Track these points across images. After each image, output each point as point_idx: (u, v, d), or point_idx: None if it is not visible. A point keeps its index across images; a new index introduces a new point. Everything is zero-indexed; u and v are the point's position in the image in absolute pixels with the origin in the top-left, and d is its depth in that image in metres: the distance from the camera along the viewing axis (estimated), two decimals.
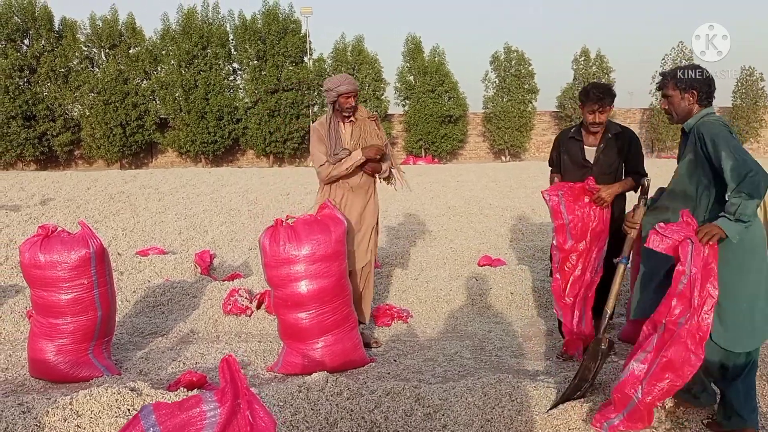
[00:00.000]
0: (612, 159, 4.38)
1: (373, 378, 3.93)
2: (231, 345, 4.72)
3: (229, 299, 5.40)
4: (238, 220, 10.32)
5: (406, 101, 31.61)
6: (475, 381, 3.41)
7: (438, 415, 3.06)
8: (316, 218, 4.07)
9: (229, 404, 1.40)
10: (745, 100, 31.22)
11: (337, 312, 4.07)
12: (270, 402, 3.11)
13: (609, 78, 31.61)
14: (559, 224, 4.22)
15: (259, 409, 1.46)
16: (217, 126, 29.71)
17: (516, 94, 31.28)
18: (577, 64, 31.99)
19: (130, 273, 6.59)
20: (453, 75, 31.47)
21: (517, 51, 31.80)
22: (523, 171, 20.15)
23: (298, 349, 4.06)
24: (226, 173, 19.52)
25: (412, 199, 12.96)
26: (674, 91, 3.29)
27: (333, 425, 3.02)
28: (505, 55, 31.83)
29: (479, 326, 5.20)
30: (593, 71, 31.58)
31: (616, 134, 4.42)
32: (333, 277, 4.01)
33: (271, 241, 3.94)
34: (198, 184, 15.46)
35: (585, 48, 31.93)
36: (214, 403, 1.42)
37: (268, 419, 1.44)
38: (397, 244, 8.39)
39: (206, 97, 29.50)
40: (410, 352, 4.60)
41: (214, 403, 1.42)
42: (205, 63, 29.83)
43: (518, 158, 31.33)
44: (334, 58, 31.25)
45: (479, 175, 18.60)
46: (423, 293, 5.81)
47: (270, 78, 29.81)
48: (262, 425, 1.42)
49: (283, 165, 30.73)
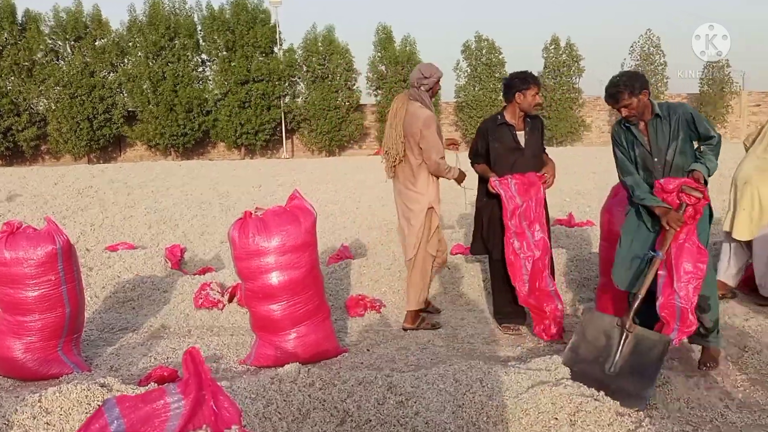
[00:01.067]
0: (538, 140, 4.73)
1: (346, 368, 3.94)
2: (203, 339, 4.69)
3: (200, 293, 5.36)
4: (210, 214, 10.23)
5: (378, 91, 31.58)
6: (446, 368, 3.44)
7: (410, 403, 3.08)
8: (285, 209, 4.06)
9: (193, 395, 1.40)
10: (712, 87, 31.78)
11: (309, 303, 4.07)
12: (242, 394, 3.10)
13: (579, 66, 31.94)
14: (514, 206, 4.44)
15: (223, 399, 1.46)
16: (186, 118, 29.38)
17: (487, 82, 31.44)
18: (548, 52, 32.27)
19: (99, 269, 6.49)
20: None
21: (488, 40, 31.97)
22: None
23: (270, 341, 4.06)
24: (196, 166, 19.33)
25: (385, 189, 12.97)
26: (632, 98, 3.70)
27: (305, 416, 3.03)
28: (476, 44, 31.97)
29: (452, 314, 5.24)
30: (563, 59, 31.87)
31: (532, 118, 4.74)
32: (304, 267, 4.01)
33: (240, 233, 3.92)
34: (168, 178, 15.28)
35: (555, 36, 32.23)
36: (178, 395, 1.41)
37: (232, 409, 1.44)
38: (370, 234, 8.40)
39: (175, 89, 29.14)
40: (383, 341, 4.62)
41: (178, 395, 1.41)
42: (173, 54, 29.46)
43: None
44: (305, 48, 31.06)
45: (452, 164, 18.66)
46: (396, 283, 5.83)
47: (240, 69, 29.55)
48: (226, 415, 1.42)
49: (254, 157, 30.51)
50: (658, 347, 3.49)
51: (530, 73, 4.68)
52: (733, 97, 31.95)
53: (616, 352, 3.55)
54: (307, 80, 31.02)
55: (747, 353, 4.03)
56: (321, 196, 12.18)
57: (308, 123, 30.97)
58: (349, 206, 11.06)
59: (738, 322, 4.66)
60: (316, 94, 30.52)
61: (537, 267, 4.46)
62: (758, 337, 4.32)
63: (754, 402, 3.40)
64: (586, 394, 3.18)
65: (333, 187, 13.71)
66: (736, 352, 4.07)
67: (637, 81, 3.71)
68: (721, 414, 3.27)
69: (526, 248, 4.46)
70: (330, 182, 14.52)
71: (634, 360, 3.50)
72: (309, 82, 30.95)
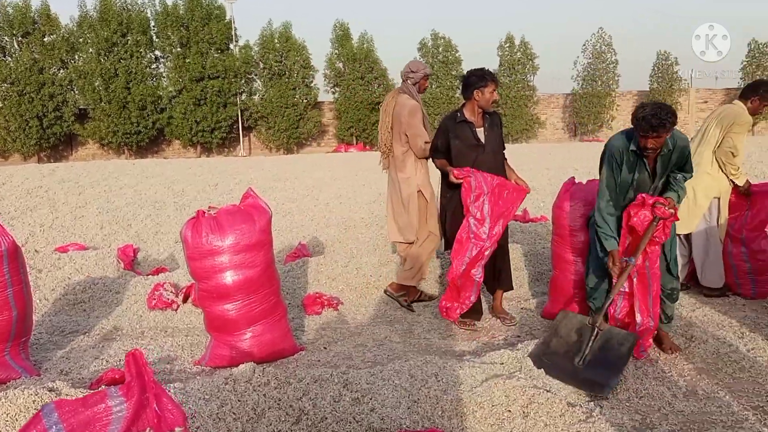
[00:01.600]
0: (494, 137, 4.78)
1: (302, 366, 3.93)
2: (156, 340, 4.61)
3: (153, 294, 5.27)
4: (164, 213, 10.05)
5: (335, 88, 31.49)
6: (402, 364, 3.46)
7: (366, 399, 3.09)
8: (240, 208, 4.02)
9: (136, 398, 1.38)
10: (661, 84, 32.58)
11: (264, 302, 4.04)
12: (195, 396, 3.06)
13: (533, 64, 32.37)
14: (478, 193, 4.51)
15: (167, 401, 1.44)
16: (140, 116, 28.81)
17: (444, 80, 31.65)
18: (503, 50, 32.62)
19: (48, 270, 6.33)
20: (382, 62, 31.56)
21: (444, 38, 32.15)
22: None
23: (225, 341, 4.01)
24: (150, 165, 18.97)
25: (343, 187, 12.96)
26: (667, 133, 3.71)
27: (260, 415, 3.00)
28: (433, 42, 32.13)
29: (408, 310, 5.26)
30: (518, 57, 32.26)
31: (491, 115, 4.80)
32: (259, 266, 3.97)
33: (193, 232, 3.86)
34: (121, 177, 14.95)
35: (510, 35, 32.60)
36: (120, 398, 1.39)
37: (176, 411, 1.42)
38: (327, 232, 8.38)
39: (128, 86, 28.55)
40: (340, 338, 4.61)
41: (120, 398, 1.39)
42: (126, 51, 28.84)
43: None
44: (261, 45, 30.76)
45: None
46: (353, 280, 5.83)
47: (195, 66, 29.11)
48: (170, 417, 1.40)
49: (211, 155, 30.11)
50: (626, 343, 3.71)
51: (488, 71, 4.72)
52: (682, 94, 32.82)
53: (586, 347, 3.73)
54: (264, 77, 30.73)
55: (693, 343, 4.16)
56: (279, 194, 12.09)
57: (265, 120, 30.70)
58: (307, 204, 11.00)
59: (685, 313, 4.80)
60: (273, 92, 30.27)
61: (480, 255, 4.55)
62: (704, 328, 4.46)
63: (700, 390, 3.51)
64: (539, 386, 3.24)
65: (291, 185, 13.62)
66: (683, 342, 4.20)
67: (675, 116, 3.70)
68: (669, 403, 3.36)
69: (481, 235, 4.52)
70: (288, 180, 14.42)
71: (603, 354, 3.69)
72: (266, 79, 30.67)
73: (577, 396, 3.37)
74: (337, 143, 31.49)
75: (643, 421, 3.17)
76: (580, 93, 32.74)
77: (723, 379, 3.66)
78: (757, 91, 5.12)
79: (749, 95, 5.14)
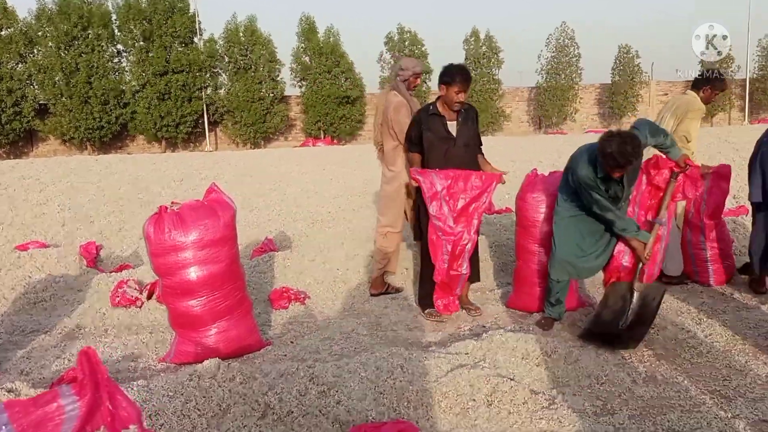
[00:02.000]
0: (468, 131, 4.78)
1: (269, 361, 3.92)
2: (120, 338, 4.56)
3: (117, 291, 5.20)
4: (128, 209, 9.91)
5: (302, 82, 31.29)
6: (368, 356, 3.48)
7: (332, 392, 3.10)
8: (203, 203, 3.98)
9: (89, 397, 1.36)
10: (622, 77, 33.10)
11: (229, 297, 4.02)
12: (159, 392, 3.04)
13: (498, 58, 32.60)
14: (433, 193, 4.57)
15: (121, 399, 1.43)
16: (102, 111, 28.24)
17: None
18: (468, 44, 32.77)
19: (8, 269, 6.19)
20: (348, 56, 31.46)
21: (410, 31, 32.17)
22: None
23: (190, 337, 3.98)
24: (114, 160, 18.60)
25: (310, 181, 12.91)
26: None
27: (226, 411, 2.99)
28: (399, 36, 32.13)
29: (376, 303, 5.28)
30: (483, 51, 32.45)
31: (466, 109, 4.81)
32: (223, 262, 3.95)
33: (156, 228, 3.82)
34: (83, 173, 14.64)
35: (475, 29, 32.77)
36: (72, 397, 1.37)
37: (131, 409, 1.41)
38: (294, 227, 8.36)
39: (89, 80, 27.95)
40: (307, 332, 4.61)
41: (73, 397, 1.37)
42: (87, 45, 28.21)
43: None
44: (226, 38, 30.39)
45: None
46: (320, 274, 5.83)
47: (158, 60, 28.62)
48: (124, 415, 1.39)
49: (176, 150, 29.68)
50: (657, 297, 4.17)
51: (459, 70, 4.66)
52: (643, 87, 33.40)
53: (627, 309, 4.18)
54: (230, 71, 30.37)
55: (653, 330, 4.26)
56: (245, 189, 11.99)
57: (232, 115, 30.37)
58: (274, 199, 10.94)
59: None
60: (239, 86, 29.94)
61: (458, 249, 4.62)
62: (664, 315, 4.56)
63: (660, 376, 3.60)
64: (503, 375, 3.29)
65: (258, 179, 13.51)
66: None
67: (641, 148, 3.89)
68: (629, 389, 3.44)
69: (447, 230, 4.59)
70: (255, 175, 14.30)
71: (639, 310, 4.17)
72: (231, 73, 30.32)
73: (540, 383, 3.43)
74: (304, 137, 31.31)
75: (604, 406, 3.24)
76: (544, 86, 33.10)
77: (681, 364, 3.76)
78: (708, 81, 5.34)
79: (701, 85, 5.35)
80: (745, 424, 2.95)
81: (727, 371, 3.61)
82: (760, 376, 3.53)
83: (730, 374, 3.57)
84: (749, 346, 3.95)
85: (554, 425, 3.01)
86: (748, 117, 33.14)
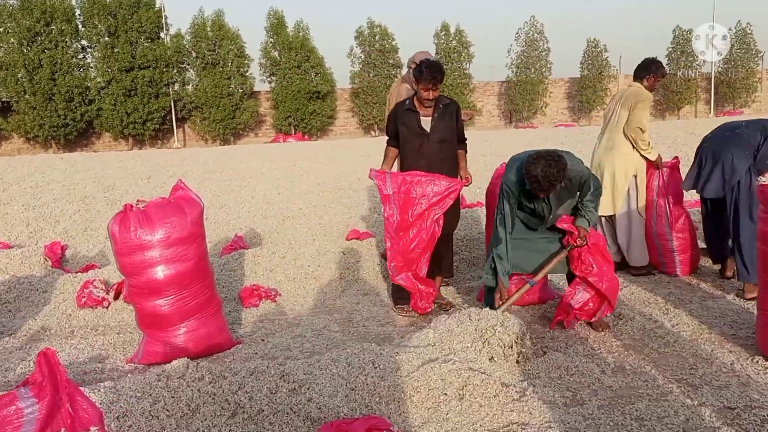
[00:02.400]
0: (444, 127, 4.69)
1: (239, 359, 3.89)
2: (87, 339, 4.47)
3: (83, 292, 5.10)
4: (94, 208, 9.72)
5: (272, 78, 31.05)
6: (339, 352, 3.46)
7: (303, 390, 3.07)
8: (169, 200, 3.92)
9: (48, 399, 1.32)
10: (591, 71, 33.48)
11: (198, 296, 3.97)
12: (127, 394, 2.98)
13: (468, 52, 32.71)
14: (385, 195, 4.51)
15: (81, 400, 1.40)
16: (67, 108, 27.68)
17: (381, 68, 31.64)
18: (438, 38, 32.82)
19: None
20: (318, 50, 31.28)
21: (380, 26, 32.11)
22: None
23: (158, 337, 3.92)
24: (80, 159, 18.27)
25: (281, 177, 12.81)
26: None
27: (195, 411, 2.95)
28: (369, 30, 32.04)
29: (348, 299, 5.27)
30: (453, 45, 32.54)
31: (445, 105, 4.72)
32: (191, 260, 3.89)
33: (121, 227, 3.75)
34: (48, 172, 14.34)
35: (445, 23, 32.82)
36: (31, 400, 1.33)
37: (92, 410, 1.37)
38: (265, 223, 8.29)
39: (53, 77, 27.36)
40: (278, 330, 4.58)
41: (32, 399, 1.33)
42: (50, 41, 27.61)
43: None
44: (194, 33, 30.01)
45: (349, 151, 18.69)
46: (291, 271, 5.79)
47: (124, 55, 28.15)
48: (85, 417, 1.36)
49: (144, 147, 29.24)
50: None
51: (427, 67, 4.56)
52: (611, 81, 33.82)
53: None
54: (197, 67, 29.98)
55: (621, 321, 4.32)
56: (215, 186, 11.85)
57: (200, 111, 30.00)
58: (243, 195, 10.84)
59: None
60: (207, 81, 29.59)
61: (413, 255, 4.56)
62: (631, 305, 4.63)
63: (628, 366, 3.64)
64: (474, 369, 3.30)
65: (227, 176, 13.36)
66: (611, 320, 4.34)
67: (565, 172, 3.83)
68: (598, 379, 3.48)
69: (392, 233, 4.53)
70: (224, 171, 14.14)
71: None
72: (199, 68, 29.93)
73: (511, 376, 3.45)
74: (275, 133, 31.07)
75: (574, 397, 3.27)
76: (514, 80, 33.32)
77: (649, 354, 3.81)
78: (648, 69, 5.49)
79: (643, 75, 5.52)
80: (710, 412, 3.01)
81: (693, 360, 3.67)
82: (725, 364, 3.59)
83: (697, 363, 3.63)
84: (715, 335, 4.03)
85: (525, 417, 3.03)
86: (713, 110, 33.77)
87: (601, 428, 2.92)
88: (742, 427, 2.87)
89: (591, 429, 2.92)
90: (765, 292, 3.59)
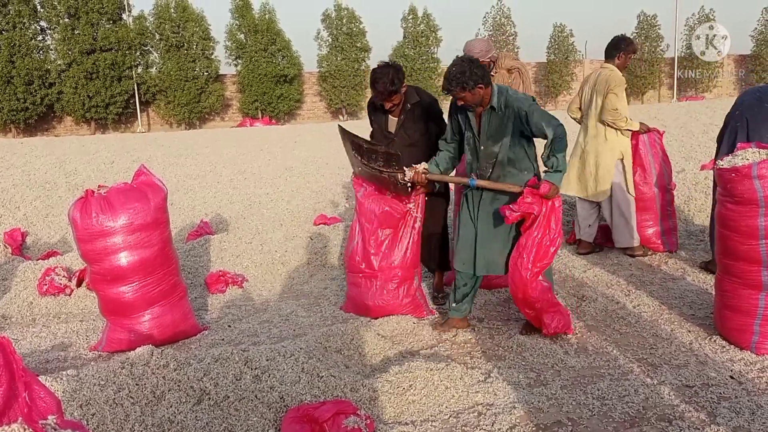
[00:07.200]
0: (412, 130, 4.35)
1: (205, 346, 3.86)
2: (49, 327, 4.39)
3: (44, 279, 5.01)
4: (55, 194, 9.52)
5: (238, 61, 30.65)
6: (305, 338, 3.46)
7: (265, 377, 3.06)
8: (132, 186, 3.86)
9: (4, 388, 1.30)
10: (557, 55, 33.78)
11: (162, 282, 3.92)
12: (90, 382, 2.94)
13: (436, 36, 32.67)
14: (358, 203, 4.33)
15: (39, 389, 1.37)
16: (26, 91, 27.01)
17: (349, 52, 31.46)
18: (406, 22, 32.72)
19: None
20: (285, 33, 30.96)
21: (348, 9, 31.88)
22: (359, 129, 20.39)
23: (122, 324, 3.87)
24: (40, 143, 17.84)
25: (247, 162, 12.70)
26: (464, 93, 3.57)
27: (160, 398, 2.93)
28: (336, 13, 31.79)
29: (315, 284, 5.26)
30: (421, 29, 32.48)
31: (413, 105, 4.34)
32: (155, 246, 3.84)
33: (82, 213, 3.68)
34: (7, 157, 13.98)
35: (413, 7, 32.75)
36: None
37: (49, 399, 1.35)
38: (231, 209, 8.22)
39: (11, 59, 26.65)
40: (245, 316, 4.55)
41: None
42: (7, 22, 26.85)
43: (356, 117, 31.64)
44: (157, 15, 29.42)
45: (317, 135, 18.59)
46: (258, 256, 5.76)
47: (85, 37, 27.51)
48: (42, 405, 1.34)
49: (107, 132, 28.68)
50: None
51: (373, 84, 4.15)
52: (577, 65, 34.16)
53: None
54: (161, 49, 29.46)
55: (584, 302, 4.39)
56: (180, 171, 11.71)
57: (164, 94, 29.51)
58: (209, 180, 10.72)
59: (577, 273, 5.05)
60: (172, 64, 29.09)
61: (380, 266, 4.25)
62: (594, 287, 4.71)
63: (590, 346, 3.72)
64: (439, 353, 3.33)
65: (193, 161, 13.20)
66: (574, 302, 4.42)
67: (471, 77, 3.50)
68: (561, 359, 3.54)
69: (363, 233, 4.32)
70: (189, 156, 13.96)
71: None
72: (163, 51, 29.41)
73: (476, 359, 3.49)
74: (241, 117, 30.73)
75: (537, 378, 3.32)
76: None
77: (611, 335, 3.89)
78: (618, 47, 5.43)
79: (614, 53, 5.45)
80: (669, 390, 3.09)
81: (653, 340, 3.76)
82: (684, 343, 3.69)
83: (657, 343, 3.71)
84: (675, 316, 4.12)
85: (490, 398, 3.07)
86: (676, 94, 34.36)
87: (563, 407, 2.97)
88: (700, 405, 2.96)
89: (554, 408, 2.97)
90: (723, 273, 3.68)
